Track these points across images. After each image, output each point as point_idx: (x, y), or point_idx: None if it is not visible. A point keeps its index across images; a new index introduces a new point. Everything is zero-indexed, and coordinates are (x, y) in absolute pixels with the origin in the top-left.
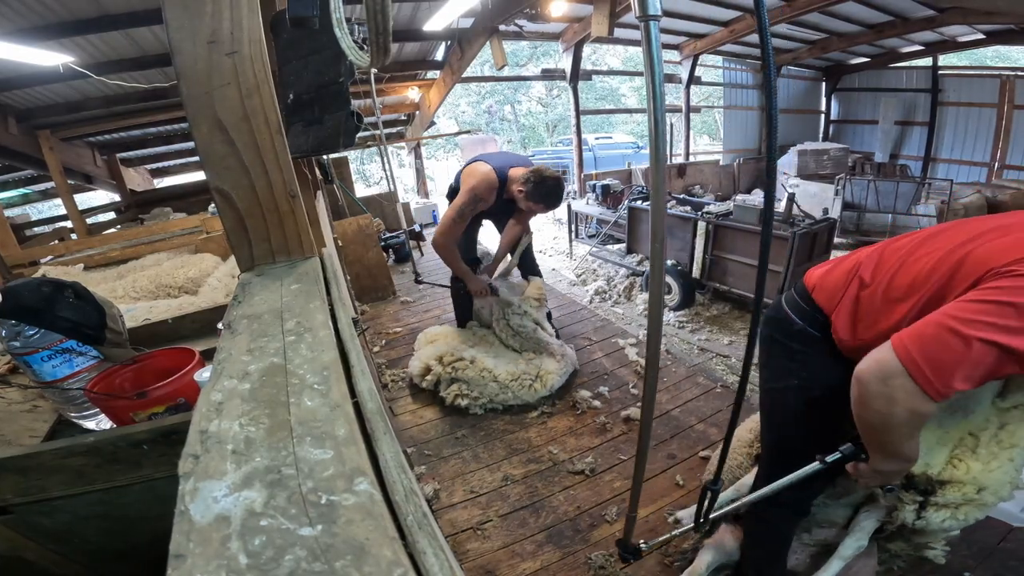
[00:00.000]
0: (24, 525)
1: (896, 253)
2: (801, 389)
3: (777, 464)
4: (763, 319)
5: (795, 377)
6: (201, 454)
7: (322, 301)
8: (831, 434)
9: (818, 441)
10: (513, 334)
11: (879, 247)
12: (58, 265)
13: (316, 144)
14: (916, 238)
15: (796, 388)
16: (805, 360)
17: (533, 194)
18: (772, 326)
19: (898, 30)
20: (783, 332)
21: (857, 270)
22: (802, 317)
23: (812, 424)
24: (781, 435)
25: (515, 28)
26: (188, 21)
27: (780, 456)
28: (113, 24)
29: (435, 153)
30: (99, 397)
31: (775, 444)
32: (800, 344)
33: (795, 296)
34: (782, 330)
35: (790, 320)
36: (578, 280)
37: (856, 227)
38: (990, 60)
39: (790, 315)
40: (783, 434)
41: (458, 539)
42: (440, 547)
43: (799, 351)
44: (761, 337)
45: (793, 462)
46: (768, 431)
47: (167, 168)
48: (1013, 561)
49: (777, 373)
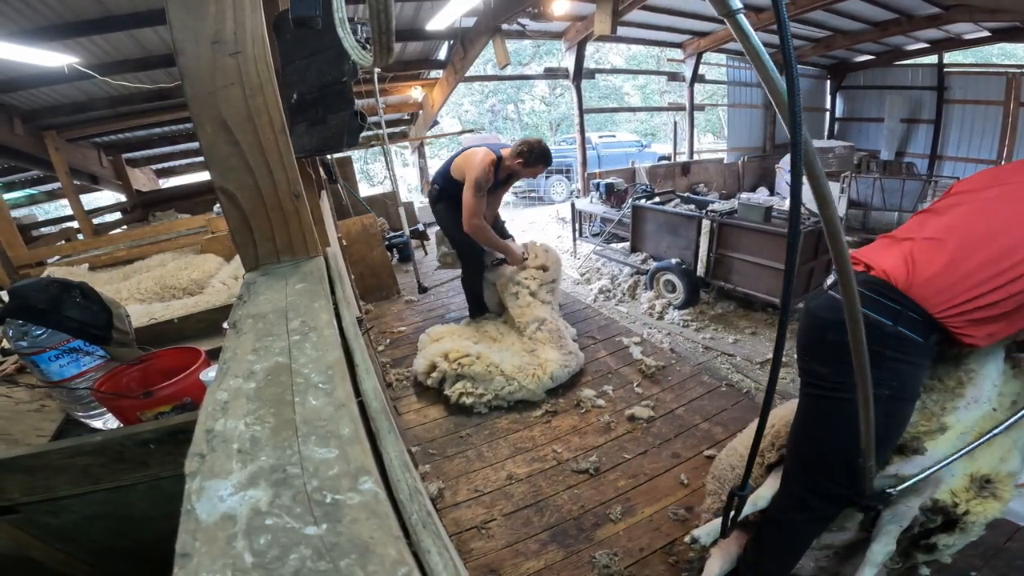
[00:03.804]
0: (31, 524)
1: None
2: (891, 400)
3: (826, 474)
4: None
5: (884, 387)
6: (207, 453)
7: (326, 300)
8: (896, 440)
9: (887, 448)
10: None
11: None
12: (63, 265)
13: (320, 144)
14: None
15: (886, 399)
16: (897, 368)
17: (531, 160)
18: (840, 329)
19: (903, 28)
20: (868, 337)
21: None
22: (894, 319)
23: (891, 435)
24: (835, 447)
25: (518, 27)
26: (191, 22)
27: (823, 467)
28: (117, 25)
29: (439, 152)
30: (106, 396)
31: (831, 456)
32: (895, 350)
33: (872, 294)
34: (867, 334)
35: (878, 323)
36: (582, 279)
37: (862, 225)
38: (996, 58)
39: (876, 317)
40: (840, 446)
41: (462, 538)
42: (444, 546)
43: (892, 357)
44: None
45: (840, 473)
46: (812, 441)
47: (172, 168)
48: (1019, 561)
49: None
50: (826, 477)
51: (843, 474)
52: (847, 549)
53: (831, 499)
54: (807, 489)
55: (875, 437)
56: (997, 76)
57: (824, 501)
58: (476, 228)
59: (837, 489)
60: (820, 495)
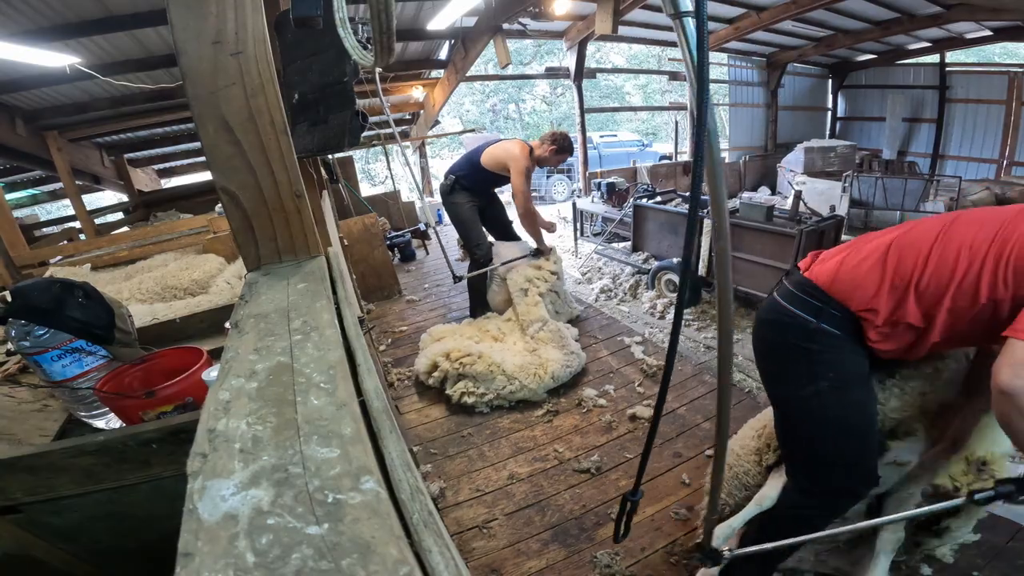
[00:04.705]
0: (34, 524)
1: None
2: (834, 390)
3: (819, 468)
4: (758, 323)
5: (823, 380)
6: (209, 453)
7: (328, 300)
8: (870, 426)
9: (859, 437)
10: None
11: (904, 233)
12: (66, 265)
13: (321, 144)
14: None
15: (829, 390)
16: (829, 360)
17: (559, 149)
18: (778, 330)
19: (904, 27)
20: (796, 335)
21: (895, 259)
22: (816, 315)
23: (851, 422)
24: (820, 441)
25: (519, 27)
26: (193, 22)
27: (821, 460)
28: (118, 25)
29: (440, 152)
30: (108, 396)
31: (813, 450)
32: (820, 344)
33: (799, 293)
34: (795, 333)
35: (803, 320)
36: (583, 278)
37: (864, 224)
38: (998, 57)
39: (801, 315)
40: (823, 439)
41: (464, 537)
42: (446, 545)
43: (818, 351)
44: (764, 343)
45: (837, 463)
46: (797, 439)
47: (174, 168)
48: (1021, 561)
49: (799, 380)
50: (830, 470)
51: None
52: (848, 544)
53: (839, 492)
54: (813, 483)
55: (844, 428)
56: (999, 75)
57: (832, 494)
58: (529, 212)
59: (844, 481)
60: (828, 488)
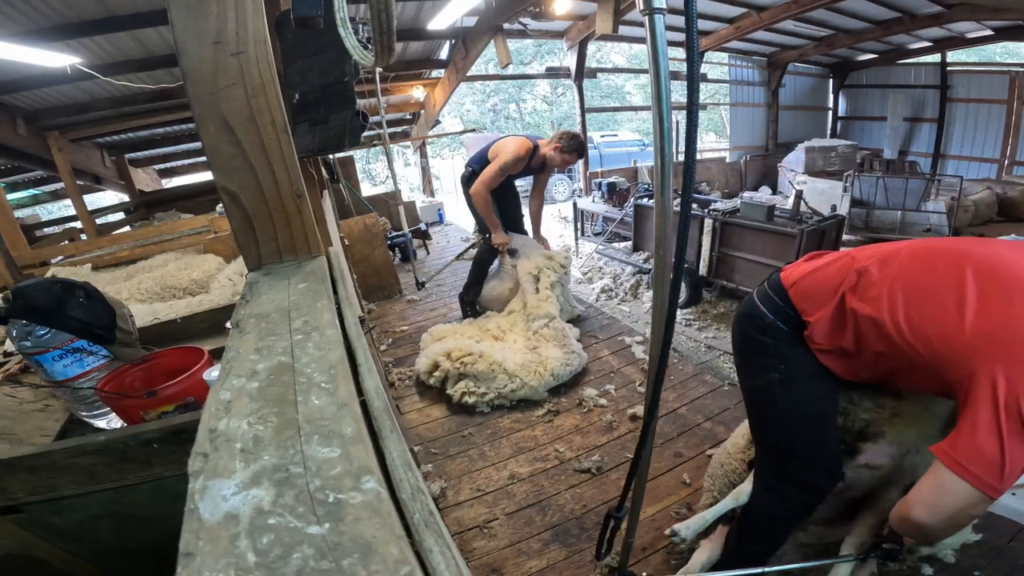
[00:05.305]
0: (35, 524)
1: (906, 285)
2: (784, 382)
3: (780, 460)
4: (736, 316)
5: (774, 371)
6: (210, 453)
7: (329, 300)
8: (824, 420)
9: (813, 430)
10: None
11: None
12: (67, 265)
13: (322, 143)
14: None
15: (779, 382)
16: (780, 353)
17: (568, 148)
18: (744, 323)
19: (905, 26)
20: (755, 328)
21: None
22: (774, 312)
23: (802, 414)
24: (776, 432)
25: (519, 26)
26: (193, 22)
27: (781, 452)
28: (119, 25)
29: (440, 152)
30: (109, 396)
31: (773, 442)
32: (772, 338)
33: (768, 291)
34: (754, 326)
35: (761, 314)
36: (584, 278)
37: (865, 224)
38: (999, 56)
39: (761, 309)
40: (779, 431)
41: (464, 537)
42: (446, 545)
43: (771, 344)
44: (735, 336)
45: (794, 456)
46: (760, 430)
47: (175, 168)
48: (1023, 560)
49: (756, 370)
50: (788, 462)
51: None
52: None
53: (801, 486)
54: (776, 477)
55: (796, 419)
56: (1000, 75)
57: (794, 487)
58: (479, 195)
59: (802, 474)
60: (789, 481)
